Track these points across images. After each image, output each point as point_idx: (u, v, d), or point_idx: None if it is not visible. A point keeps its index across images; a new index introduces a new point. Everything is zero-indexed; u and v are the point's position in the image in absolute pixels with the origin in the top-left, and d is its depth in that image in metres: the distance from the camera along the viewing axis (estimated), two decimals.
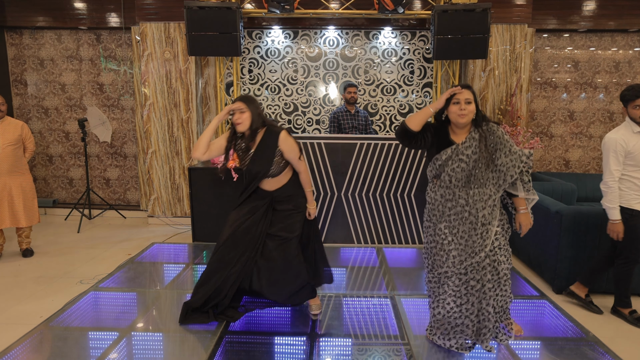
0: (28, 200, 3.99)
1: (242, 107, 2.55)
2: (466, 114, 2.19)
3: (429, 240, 2.44)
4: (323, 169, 4.29)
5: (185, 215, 5.27)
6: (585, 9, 5.17)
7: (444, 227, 2.32)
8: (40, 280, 3.53)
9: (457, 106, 2.20)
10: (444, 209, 2.32)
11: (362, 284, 3.43)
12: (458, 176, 2.24)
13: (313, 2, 4.92)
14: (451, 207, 2.29)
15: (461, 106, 2.19)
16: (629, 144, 2.73)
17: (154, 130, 5.17)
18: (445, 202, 2.31)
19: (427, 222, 2.44)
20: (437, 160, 2.29)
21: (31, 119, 5.76)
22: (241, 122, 2.56)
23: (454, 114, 2.22)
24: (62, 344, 2.54)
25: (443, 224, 2.32)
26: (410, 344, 2.54)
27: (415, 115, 2.24)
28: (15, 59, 5.65)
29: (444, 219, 2.32)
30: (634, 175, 2.76)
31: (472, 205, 2.26)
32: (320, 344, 2.55)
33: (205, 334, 2.63)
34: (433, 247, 2.40)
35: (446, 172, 2.26)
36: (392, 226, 4.36)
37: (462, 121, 2.20)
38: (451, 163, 2.25)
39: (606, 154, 2.79)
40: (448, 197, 2.29)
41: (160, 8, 5.01)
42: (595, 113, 5.54)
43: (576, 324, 2.79)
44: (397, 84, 5.38)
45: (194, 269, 3.74)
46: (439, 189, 2.33)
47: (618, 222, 2.75)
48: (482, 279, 2.29)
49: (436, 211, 2.36)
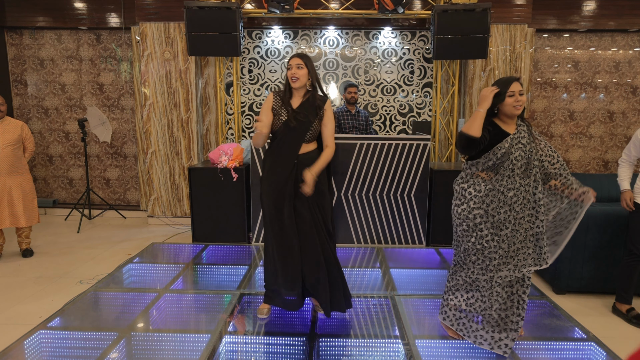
0: (28, 200, 3.99)
1: (301, 63, 2.56)
2: (521, 105, 2.30)
3: (481, 236, 2.34)
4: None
5: (185, 215, 5.27)
6: (585, 9, 5.16)
7: (505, 219, 2.31)
8: (40, 280, 3.53)
9: (513, 98, 2.28)
10: (504, 198, 2.31)
11: (362, 284, 3.43)
12: (519, 164, 2.30)
13: (313, 2, 4.92)
14: (513, 196, 2.31)
15: (516, 98, 2.28)
16: None
17: (153, 130, 5.17)
18: (507, 192, 2.31)
19: (471, 219, 2.34)
20: (499, 149, 2.29)
21: (31, 119, 5.76)
22: (298, 77, 2.55)
23: (510, 106, 2.29)
24: (61, 344, 2.54)
25: (502, 215, 2.31)
26: (410, 344, 2.54)
27: (471, 122, 2.27)
28: (15, 59, 5.65)
29: (504, 209, 2.31)
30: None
31: (531, 193, 2.33)
32: (320, 344, 2.54)
33: (205, 334, 2.62)
34: (489, 240, 2.33)
35: (510, 161, 2.29)
36: (392, 226, 4.36)
37: (518, 112, 2.31)
38: (514, 151, 2.30)
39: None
40: (510, 186, 2.30)
41: (160, 8, 5.01)
42: (595, 113, 5.54)
43: (576, 324, 2.79)
44: (397, 84, 5.38)
45: (194, 269, 3.74)
46: (496, 180, 2.32)
47: (626, 191, 2.94)
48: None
49: (490, 203, 2.32)
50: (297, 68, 2.55)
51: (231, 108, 5.38)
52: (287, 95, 2.61)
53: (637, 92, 5.44)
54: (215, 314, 2.90)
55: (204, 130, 5.41)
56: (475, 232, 2.36)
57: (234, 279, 3.49)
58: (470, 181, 2.40)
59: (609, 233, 3.20)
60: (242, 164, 4.41)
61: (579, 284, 3.29)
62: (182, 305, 3.11)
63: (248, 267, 3.74)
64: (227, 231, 4.44)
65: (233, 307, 2.98)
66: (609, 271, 3.24)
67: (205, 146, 5.45)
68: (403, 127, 5.47)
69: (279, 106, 2.60)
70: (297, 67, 2.55)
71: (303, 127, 2.57)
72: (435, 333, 2.67)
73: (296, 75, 2.55)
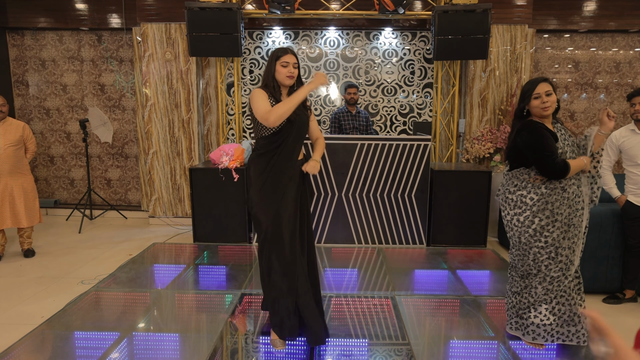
0: (29, 200, 4.00)
1: (297, 62, 2.43)
2: (549, 106, 2.29)
3: (553, 237, 2.33)
4: (324, 169, 4.30)
5: (186, 215, 5.28)
6: (585, 9, 5.17)
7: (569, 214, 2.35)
8: (41, 280, 3.54)
9: (539, 100, 2.29)
10: (567, 195, 2.33)
11: (362, 284, 3.44)
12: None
13: (314, 2, 4.93)
14: (572, 192, 2.35)
15: (543, 99, 2.28)
16: (619, 140, 3.11)
17: (155, 131, 5.18)
18: (568, 188, 2.34)
19: (537, 223, 2.33)
20: (556, 149, 2.30)
21: (32, 119, 5.78)
22: (295, 76, 2.41)
23: (537, 108, 2.31)
24: (63, 344, 2.55)
25: (566, 211, 2.34)
26: (410, 344, 2.54)
27: (575, 167, 2.28)
28: (17, 60, 5.67)
29: (565, 205, 2.33)
30: (628, 170, 3.11)
31: (577, 187, 2.38)
32: (321, 345, 2.55)
33: (206, 334, 2.63)
34: (561, 239, 2.34)
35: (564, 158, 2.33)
36: (393, 226, 4.37)
37: (546, 113, 2.30)
38: (566, 149, 2.34)
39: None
40: (569, 183, 2.34)
41: (161, 9, 5.02)
42: (595, 113, 5.54)
43: None
44: (397, 84, 5.38)
45: (195, 270, 3.75)
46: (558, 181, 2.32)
47: (618, 198, 3.15)
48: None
49: (555, 202, 2.32)
50: (294, 67, 2.40)
51: (232, 108, 5.39)
52: (277, 92, 2.40)
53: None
54: (217, 314, 2.91)
55: (205, 131, 5.42)
56: (543, 234, 2.34)
57: (235, 279, 3.51)
58: (529, 187, 2.36)
59: (609, 233, 3.20)
60: (243, 164, 4.42)
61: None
62: (184, 305, 3.12)
63: (249, 267, 3.75)
64: (228, 231, 4.45)
65: (234, 307, 2.99)
66: (608, 271, 3.25)
67: (206, 146, 5.46)
68: (404, 127, 5.48)
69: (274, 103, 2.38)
70: (294, 66, 2.39)
71: (304, 124, 2.44)
72: (435, 333, 2.68)
73: (294, 74, 2.40)
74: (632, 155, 3.05)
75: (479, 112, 5.12)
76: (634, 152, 3.04)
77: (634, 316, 3.01)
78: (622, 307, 3.15)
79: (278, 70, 2.37)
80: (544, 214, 2.33)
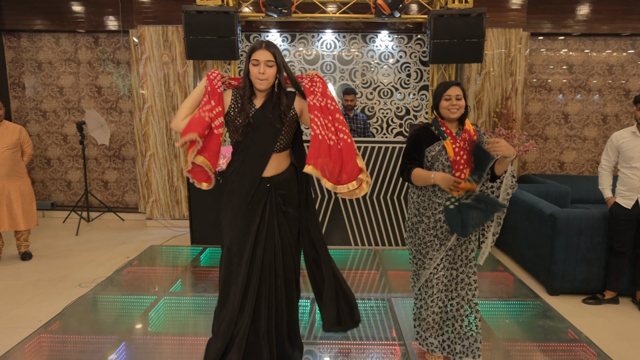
0: (26, 203, 4.01)
1: (271, 60, 1.93)
2: (457, 109, 2.25)
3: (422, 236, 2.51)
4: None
5: (184, 217, 5.29)
6: (579, 13, 5.23)
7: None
8: (39, 283, 3.55)
9: (449, 102, 2.24)
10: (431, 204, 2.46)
11: (359, 285, 3.47)
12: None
13: (310, 6, 4.96)
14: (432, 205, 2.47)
15: (452, 102, 2.23)
16: (619, 140, 3.15)
17: (152, 133, 5.19)
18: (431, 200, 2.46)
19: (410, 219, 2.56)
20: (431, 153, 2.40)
21: (29, 122, 5.77)
22: (266, 78, 1.94)
23: (444, 109, 2.27)
24: (61, 347, 2.56)
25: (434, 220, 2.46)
26: (406, 344, 2.58)
27: (422, 180, 2.36)
28: (13, 62, 5.66)
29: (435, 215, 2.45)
30: (622, 171, 3.16)
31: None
32: (317, 346, 2.58)
33: (204, 337, 2.65)
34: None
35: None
36: (390, 228, 4.40)
37: (454, 116, 2.26)
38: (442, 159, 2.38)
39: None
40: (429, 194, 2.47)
41: (158, 12, 5.04)
42: (589, 115, 5.60)
43: (569, 325, 2.84)
44: (394, 86, 5.42)
45: (193, 272, 3.76)
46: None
47: (608, 199, 3.22)
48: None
49: (422, 205, 2.52)
50: (268, 66, 1.93)
51: None
52: (246, 96, 2.00)
53: (630, 94, 5.51)
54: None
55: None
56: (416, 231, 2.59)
57: None
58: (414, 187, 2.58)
59: (601, 235, 3.25)
60: None
61: (572, 286, 3.34)
62: (181, 308, 3.14)
63: None
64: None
65: None
66: (601, 273, 3.30)
67: None
68: (400, 129, 5.51)
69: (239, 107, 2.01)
70: (267, 64, 1.93)
71: (272, 129, 2.00)
72: None
73: (267, 77, 1.94)
74: (629, 157, 3.09)
75: (474, 115, 5.17)
76: (630, 154, 3.08)
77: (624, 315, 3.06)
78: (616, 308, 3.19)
79: (250, 70, 1.96)
80: (413, 213, 2.49)
